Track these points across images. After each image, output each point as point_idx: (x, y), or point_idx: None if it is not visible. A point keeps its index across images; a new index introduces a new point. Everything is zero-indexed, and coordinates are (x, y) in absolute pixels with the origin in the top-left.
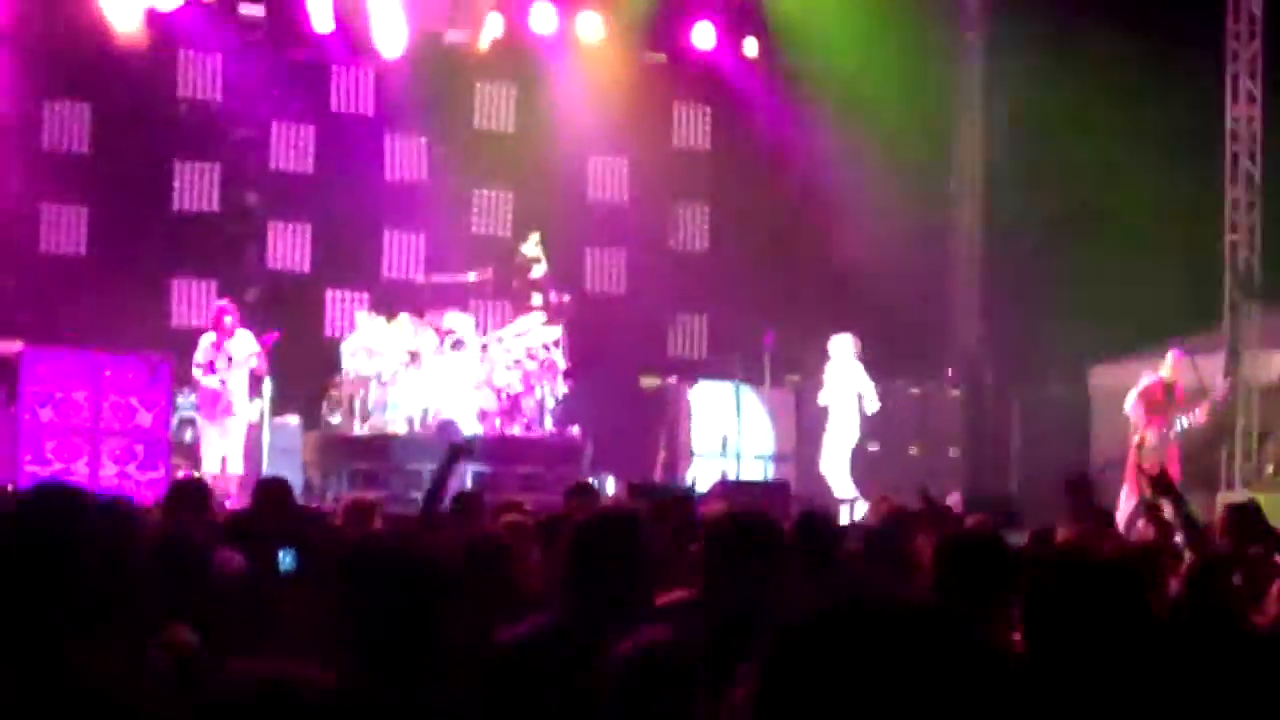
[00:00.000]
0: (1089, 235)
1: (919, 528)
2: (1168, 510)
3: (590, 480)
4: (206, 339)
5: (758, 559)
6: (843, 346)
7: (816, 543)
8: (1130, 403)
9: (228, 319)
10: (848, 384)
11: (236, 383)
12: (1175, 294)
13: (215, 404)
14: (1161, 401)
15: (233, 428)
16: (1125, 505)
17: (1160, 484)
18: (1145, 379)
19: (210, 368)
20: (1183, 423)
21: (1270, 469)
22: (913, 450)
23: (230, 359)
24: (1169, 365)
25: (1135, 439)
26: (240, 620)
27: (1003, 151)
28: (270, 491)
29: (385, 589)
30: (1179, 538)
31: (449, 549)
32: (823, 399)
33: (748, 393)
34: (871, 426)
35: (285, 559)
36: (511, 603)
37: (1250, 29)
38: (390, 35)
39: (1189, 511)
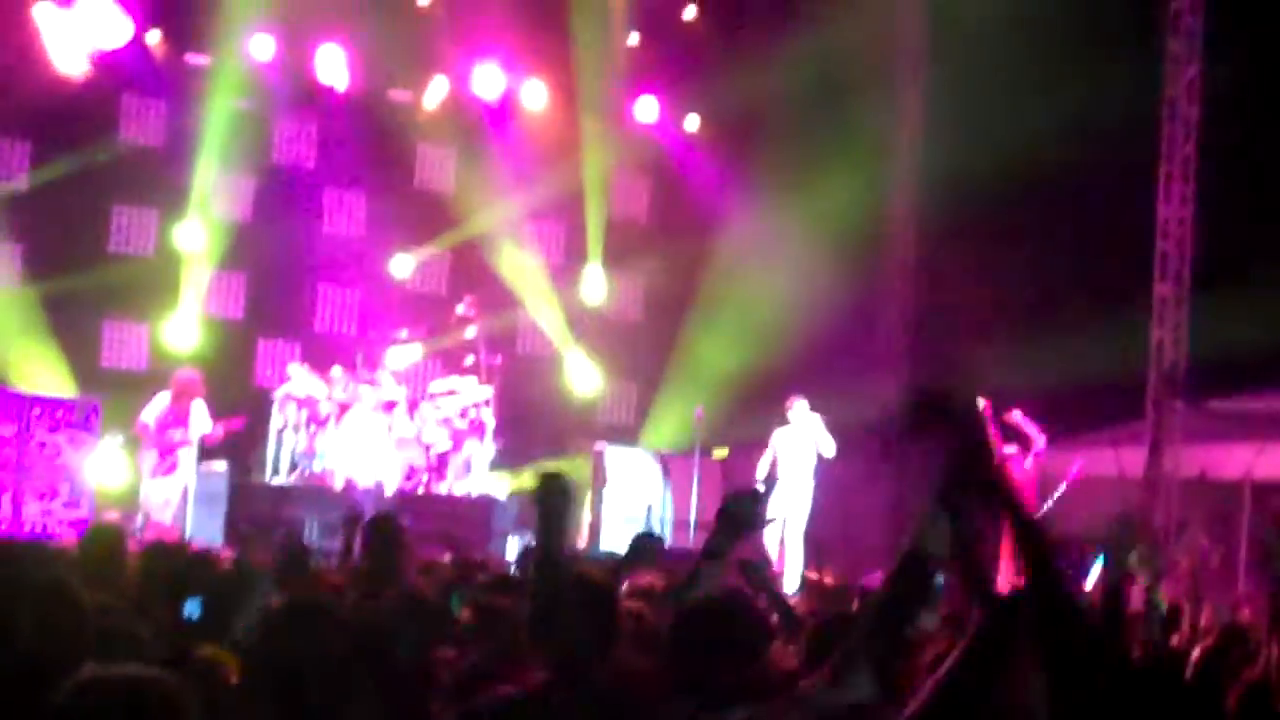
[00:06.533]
0: (1020, 326)
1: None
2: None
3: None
4: (162, 399)
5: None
6: (801, 409)
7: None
8: None
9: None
10: (807, 446)
11: (186, 450)
12: (1102, 386)
13: (162, 462)
14: None
15: (176, 486)
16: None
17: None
18: None
19: (163, 427)
20: None
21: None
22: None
23: (184, 427)
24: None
25: None
26: None
27: (934, 243)
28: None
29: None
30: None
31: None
32: (765, 468)
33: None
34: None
35: (191, 607)
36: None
37: (1185, 131)
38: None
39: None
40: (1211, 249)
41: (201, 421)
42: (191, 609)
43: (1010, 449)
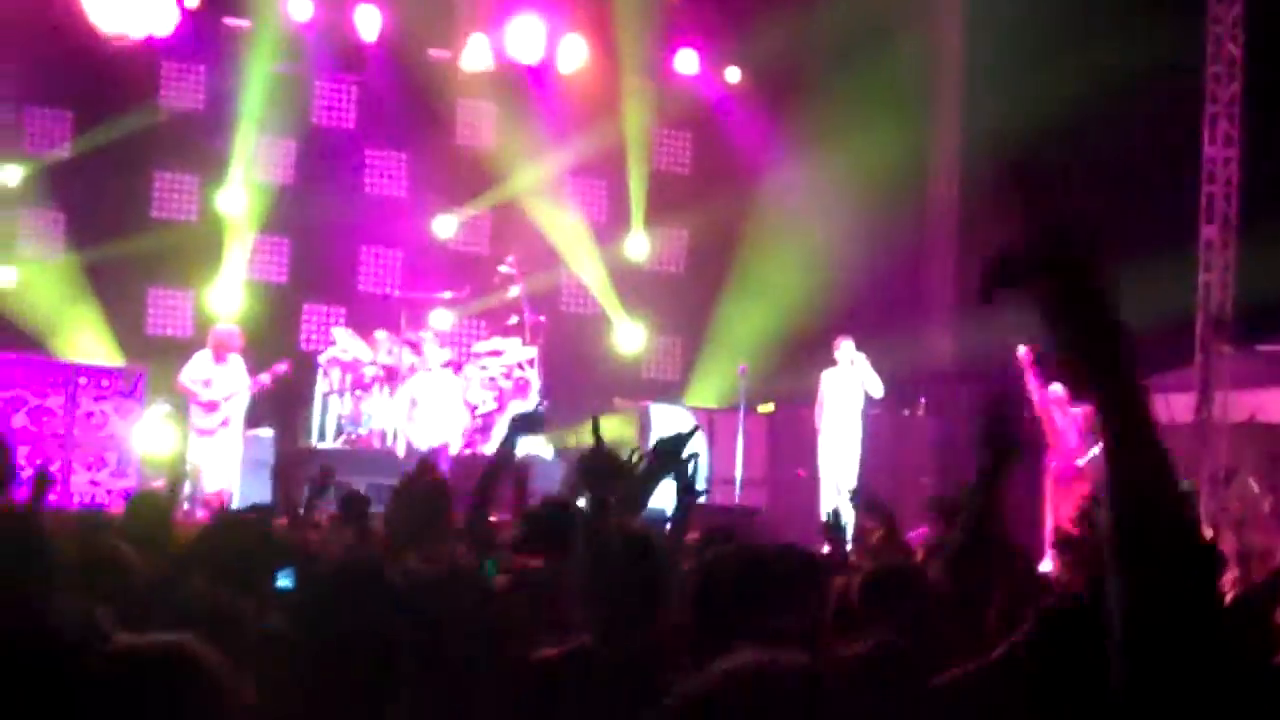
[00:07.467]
0: None
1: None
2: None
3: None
4: (204, 356)
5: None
6: (848, 349)
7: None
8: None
9: (226, 350)
10: (855, 387)
11: (234, 405)
12: (1148, 331)
13: (209, 419)
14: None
15: (230, 444)
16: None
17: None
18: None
19: (207, 383)
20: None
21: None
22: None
23: (228, 381)
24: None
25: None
26: None
27: (978, 184)
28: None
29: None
30: None
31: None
32: (825, 416)
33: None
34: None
35: (283, 578)
36: None
37: (1230, 71)
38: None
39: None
40: (1259, 190)
41: (241, 375)
42: (285, 580)
43: (1058, 388)
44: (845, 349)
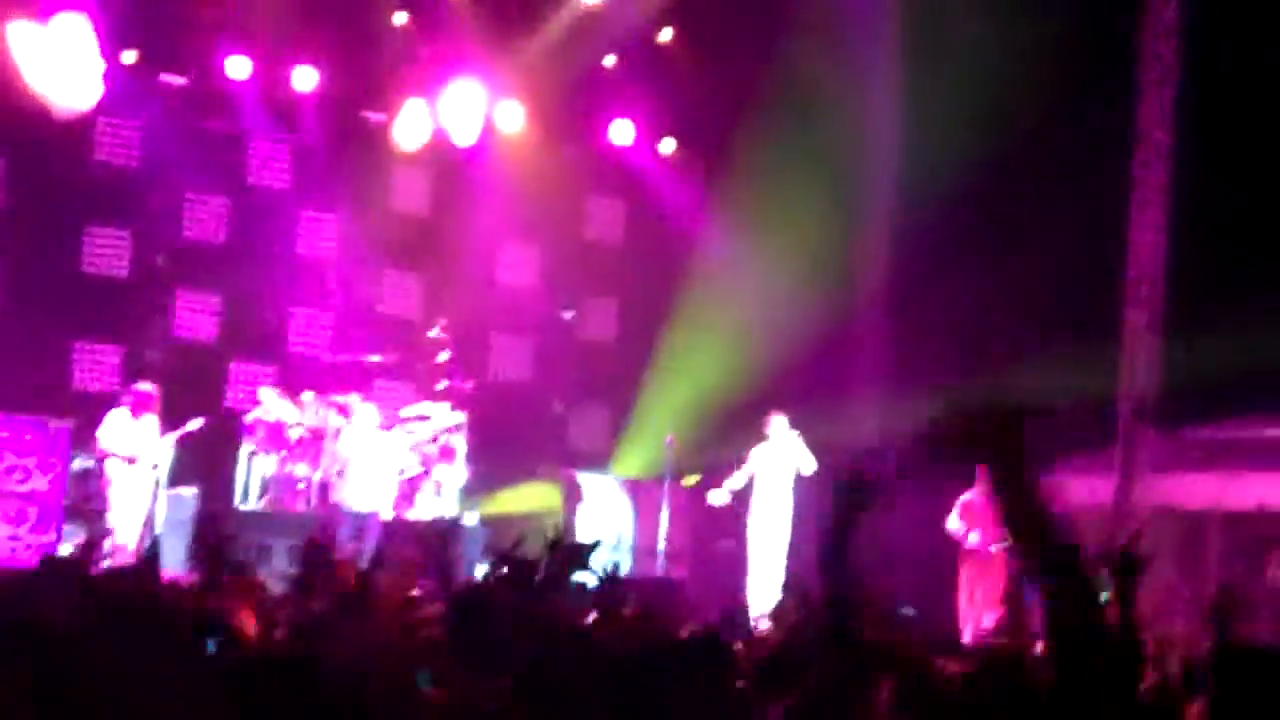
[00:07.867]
0: (986, 347)
1: None
2: None
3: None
4: (121, 414)
5: None
6: (780, 426)
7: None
8: (953, 519)
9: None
10: (786, 464)
11: (153, 464)
12: (1068, 412)
13: (126, 479)
14: (983, 515)
15: (141, 507)
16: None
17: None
18: (966, 495)
19: (125, 442)
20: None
21: None
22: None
23: (144, 440)
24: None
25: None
26: None
27: (904, 261)
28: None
29: None
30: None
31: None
32: (741, 480)
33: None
34: None
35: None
36: None
37: (1158, 156)
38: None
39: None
40: (1184, 272)
41: (156, 435)
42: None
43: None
44: (777, 425)
